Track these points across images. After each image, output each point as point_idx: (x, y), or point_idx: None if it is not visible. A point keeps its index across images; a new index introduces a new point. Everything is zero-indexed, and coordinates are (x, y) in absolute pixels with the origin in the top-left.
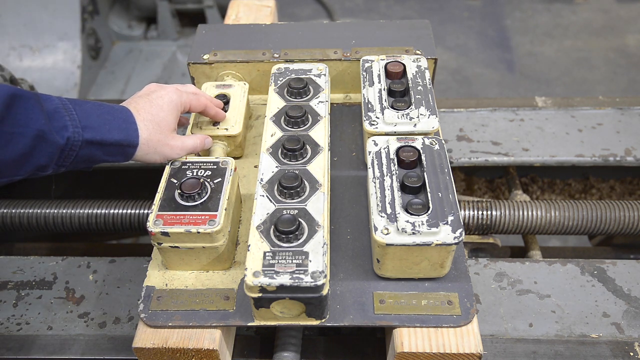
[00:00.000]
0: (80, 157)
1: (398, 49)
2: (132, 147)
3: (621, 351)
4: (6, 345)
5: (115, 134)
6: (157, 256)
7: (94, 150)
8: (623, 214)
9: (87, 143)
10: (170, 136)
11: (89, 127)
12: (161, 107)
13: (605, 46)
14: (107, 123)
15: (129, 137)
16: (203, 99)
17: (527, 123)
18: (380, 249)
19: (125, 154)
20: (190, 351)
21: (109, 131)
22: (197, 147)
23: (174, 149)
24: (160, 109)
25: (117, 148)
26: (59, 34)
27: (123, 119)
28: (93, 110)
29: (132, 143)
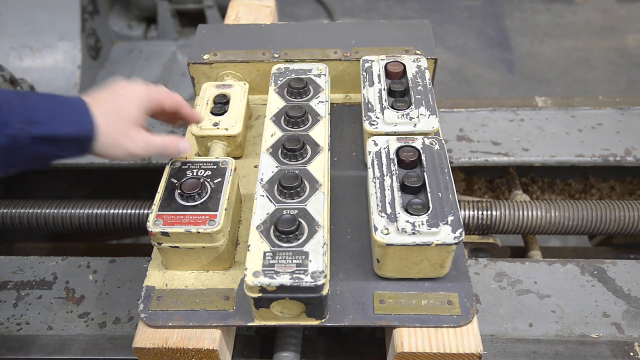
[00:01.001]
0: (32, 155)
1: (398, 49)
2: (87, 139)
3: (621, 351)
4: (6, 345)
5: (67, 126)
6: (157, 256)
7: (46, 147)
8: (623, 214)
9: (36, 139)
10: (132, 128)
11: (37, 121)
12: (124, 98)
13: (605, 46)
14: (58, 115)
15: (83, 129)
16: (176, 96)
17: (527, 123)
18: (380, 249)
19: (82, 147)
20: (190, 351)
21: (60, 124)
22: (168, 148)
23: (137, 142)
24: (122, 99)
25: (71, 142)
26: (59, 34)
27: (76, 110)
28: (42, 102)
29: (87, 136)
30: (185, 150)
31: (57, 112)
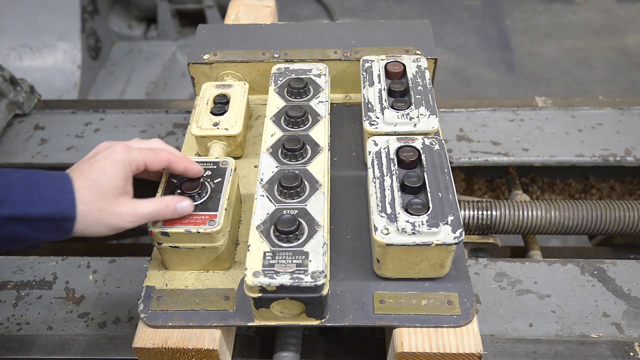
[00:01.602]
0: (3, 237)
1: (398, 49)
2: (67, 220)
3: (621, 351)
4: (6, 345)
5: (44, 207)
6: (157, 256)
7: (19, 228)
8: (623, 214)
9: (6, 220)
10: (115, 202)
11: (9, 201)
12: (102, 170)
13: (605, 46)
14: (34, 195)
15: (62, 209)
16: (164, 154)
17: (527, 123)
18: (380, 249)
19: (61, 229)
20: (190, 351)
21: (36, 204)
22: (161, 214)
23: (123, 216)
24: (101, 172)
25: (48, 223)
26: (59, 34)
27: (56, 189)
28: (19, 180)
29: (66, 216)
30: (185, 212)
31: (33, 191)
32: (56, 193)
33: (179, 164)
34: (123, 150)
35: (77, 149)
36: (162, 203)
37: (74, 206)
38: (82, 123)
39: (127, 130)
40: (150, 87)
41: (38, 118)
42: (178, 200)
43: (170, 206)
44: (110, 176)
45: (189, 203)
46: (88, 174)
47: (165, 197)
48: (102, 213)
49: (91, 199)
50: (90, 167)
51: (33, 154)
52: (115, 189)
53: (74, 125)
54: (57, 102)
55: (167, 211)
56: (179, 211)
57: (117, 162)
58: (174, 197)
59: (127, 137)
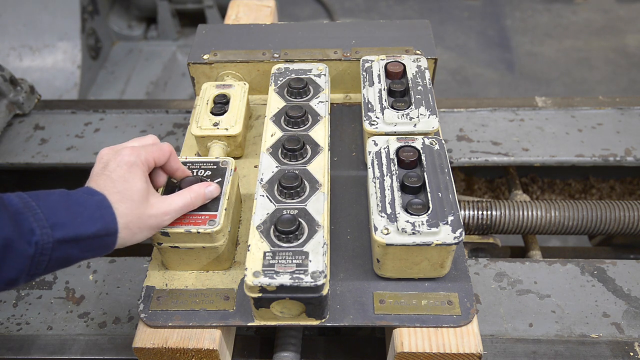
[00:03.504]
0: (55, 261)
1: (398, 49)
2: (111, 235)
3: (621, 351)
4: (6, 345)
5: (91, 225)
6: (157, 256)
7: (69, 249)
8: (623, 214)
9: (59, 243)
10: (149, 205)
11: (59, 224)
12: (124, 179)
13: (605, 46)
14: (78, 215)
15: (106, 225)
16: (165, 147)
17: (527, 123)
18: (380, 249)
19: (105, 245)
20: (190, 351)
21: (83, 224)
22: (193, 203)
23: (160, 217)
24: (124, 181)
25: (95, 241)
26: (59, 34)
27: (96, 205)
28: (60, 202)
29: (110, 231)
30: (213, 195)
31: (76, 212)
32: (97, 209)
33: (176, 162)
34: (132, 153)
35: (77, 149)
36: (192, 193)
37: (115, 220)
38: (82, 123)
39: (127, 130)
40: (150, 87)
41: (38, 118)
42: (205, 186)
43: (200, 194)
44: (133, 182)
45: (215, 187)
46: (113, 187)
47: (192, 187)
48: (142, 219)
49: (128, 209)
50: (110, 180)
51: (33, 154)
52: (143, 192)
53: (74, 125)
54: (57, 102)
55: (197, 200)
56: (208, 196)
57: (133, 166)
58: (200, 185)
59: (127, 137)
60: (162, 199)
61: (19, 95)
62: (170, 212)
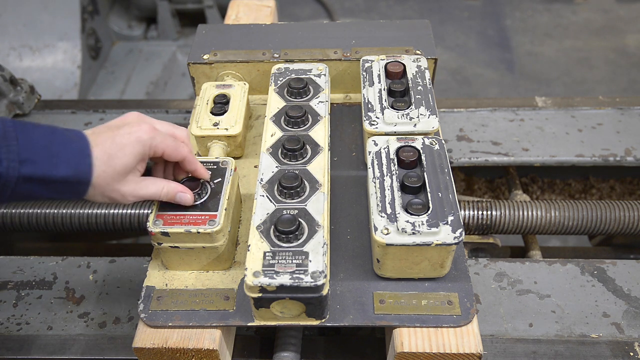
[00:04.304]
0: (18, 194)
1: (398, 49)
2: (83, 184)
3: (621, 351)
4: (6, 345)
5: (63, 168)
6: (157, 256)
7: (35, 187)
8: (623, 214)
9: (25, 180)
10: (122, 181)
11: (30, 160)
12: (122, 146)
13: (605, 46)
14: (55, 155)
15: (79, 173)
16: (183, 150)
17: (527, 123)
18: (380, 249)
19: (75, 191)
20: (190, 351)
21: (55, 165)
22: (161, 195)
23: (125, 196)
24: (120, 148)
25: (64, 185)
26: (59, 34)
27: (77, 150)
28: (41, 138)
29: (83, 179)
30: (182, 202)
31: (54, 152)
32: (77, 154)
33: (192, 164)
34: (148, 133)
35: None
36: (165, 188)
37: (91, 171)
38: (82, 123)
39: None
40: (150, 87)
41: (38, 118)
42: (179, 191)
43: (170, 193)
44: (126, 154)
45: (189, 197)
46: (108, 146)
47: (171, 183)
48: (107, 187)
49: (103, 172)
50: (111, 139)
51: None
52: (127, 167)
53: (74, 125)
54: (57, 102)
55: (167, 197)
56: (177, 200)
57: (139, 142)
58: (178, 186)
59: None
60: (138, 180)
61: (19, 95)
62: (137, 196)
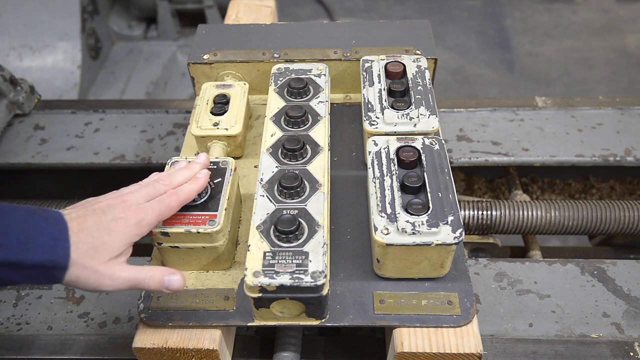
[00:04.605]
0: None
1: (398, 49)
2: (58, 269)
3: (621, 351)
4: (6, 345)
5: (38, 253)
6: (157, 256)
7: (8, 273)
8: (623, 214)
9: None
10: (105, 265)
11: (4, 245)
12: (110, 231)
13: (605, 46)
14: (30, 240)
15: (55, 258)
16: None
17: (527, 123)
18: (380, 249)
19: (50, 277)
20: (190, 351)
21: (30, 250)
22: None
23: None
24: (108, 232)
25: (38, 270)
26: (59, 34)
27: (52, 236)
28: (18, 222)
29: (58, 265)
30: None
31: (30, 234)
32: (52, 239)
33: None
34: (137, 215)
35: (77, 149)
36: (149, 272)
37: (68, 255)
38: (82, 123)
39: (127, 131)
40: (150, 87)
41: (38, 118)
42: (168, 273)
43: (156, 278)
44: (115, 238)
45: (179, 278)
46: (94, 231)
47: (154, 268)
48: (88, 271)
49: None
50: (98, 223)
51: (33, 154)
52: (114, 250)
53: (74, 125)
54: (57, 102)
55: (151, 282)
56: (165, 284)
57: (129, 226)
58: (163, 270)
59: (127, 137)
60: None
61: (19, 95)
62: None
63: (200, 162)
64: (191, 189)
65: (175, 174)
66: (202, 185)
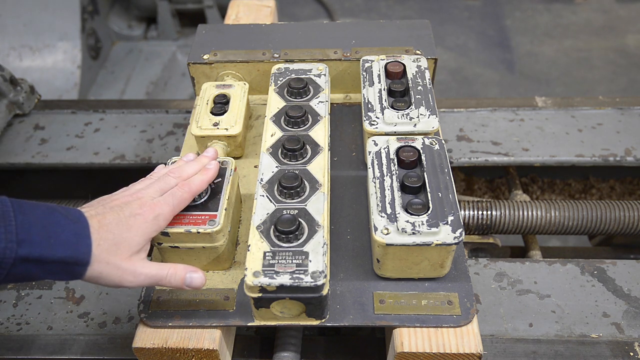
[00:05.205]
0: (13, 276)
1: (398, 49)
2: (80, 265)
3: (621, 351)
4: (6, 345)
5: (60, 249)
6: (157, 256)
7: (31, 268)
8: (623, 214)
9: (22, 260)
10: (127, 261)
11: (27, 240)
12: (129, 227)
13: (605, 46)
14: (52, 236)
15: (77, 254)
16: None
17: (527, 123)
18: (380, 249)
19: (71, 272)
20: (190, 351)
21: (52, 246)
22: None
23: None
24: (127, 229)
25: (60, 266)
26: (59, 34)
27: (74, 232)
28: (40, 219)
29: (80, 261)
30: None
31: (52, 232)
32: (74, 236)
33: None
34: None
35: (77, 149)
36: (171, 269)
37: (90, 252)
38: (82, 123)
39: (127, 130)
40: (150, 87)
41: (38, 118)
42: (189, 270)
43: (178, 275)
44: (134, 234)
45: (200, 275)
46: (114, 227)
47: (177, 265)
48: (109, 267)
49: (107, 250)
50: (118, 219)
51: (33, 154)
52: (132, 246)
53: (74, 125)
54: (57, 102)
55: (173, 279)
56: (187, 282)
57: (147, 222)
58: (185, 267)
59: (127, 138)
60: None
61: (19, 95)
62: (139, 278)
63: (209, 155)
64: (202, 180)
65: (185, 166)
66: (212, 176)
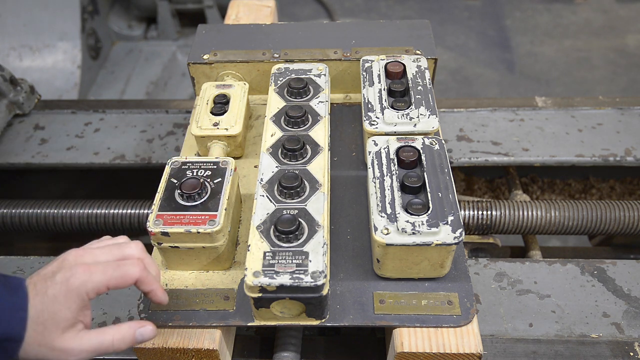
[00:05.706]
0: None
1: (398, 49)
2: (13, 341)
3: (621, 351)
4: None
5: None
6: (157, 256)
7: None
8: (623, 214)
9: None
10: (61, 338)
11: None
12: (55, 299)
13: (605, 46)
14: None
15: (9, 329)
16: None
17: (527, 123)
18: (380, 249)
19: (3, 349)
20: (190, 351)
21: None
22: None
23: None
24: (54, 301)
25: None
26: (59, 34)
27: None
28: None
29: (13, 337)
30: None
31: None
32: (8, 310)
33: (147, 284)
34: (83, 275)
35: (77, 149)
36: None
37: (25, 327)
38: (82, 123)
39: (127, 130)
40: (150, 87)
41: (38, 118)
42: (138, 327)
43: (127, 338)
44: (62, 307)
45: (151, 328)
46: (41, 298)
47: (121, 326)
48: (42, 348)
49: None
50: (44, 292)
51: (33, 154)
52: (64, 321)
53: (74, 125)
54: (57, 102)
55: (122, 343)
56: (138, 339)
57: (73, 291)
58: (131, 325)
59: (127, 137)
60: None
61: (19, 95)
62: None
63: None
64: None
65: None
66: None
